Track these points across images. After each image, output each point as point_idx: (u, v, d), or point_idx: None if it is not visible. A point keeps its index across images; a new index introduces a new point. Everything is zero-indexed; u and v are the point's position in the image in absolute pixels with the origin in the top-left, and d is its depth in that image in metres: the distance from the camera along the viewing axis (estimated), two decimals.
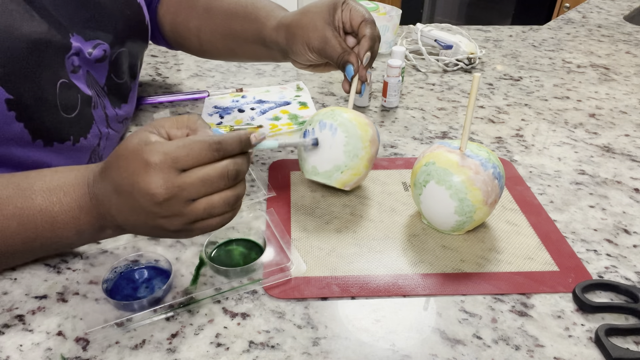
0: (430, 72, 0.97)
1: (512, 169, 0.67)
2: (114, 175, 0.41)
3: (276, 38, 0.64)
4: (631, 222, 0.58)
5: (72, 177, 0.45)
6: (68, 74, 0.54)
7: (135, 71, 0.70)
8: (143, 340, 0.43)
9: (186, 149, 0.39)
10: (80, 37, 0.56)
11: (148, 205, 0.40)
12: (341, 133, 0.54)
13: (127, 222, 0.42)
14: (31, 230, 0.43)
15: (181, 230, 0.42)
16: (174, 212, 0.40)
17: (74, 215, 0.43)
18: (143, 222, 0.42)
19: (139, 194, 0.39)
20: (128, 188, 0.40)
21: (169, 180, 0.39)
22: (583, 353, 0.43)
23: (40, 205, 0.43)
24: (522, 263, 0.51)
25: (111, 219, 0.43)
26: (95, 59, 0.59)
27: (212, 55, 0.76)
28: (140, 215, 0.41)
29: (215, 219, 0.42)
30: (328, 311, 0.46)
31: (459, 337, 0.44)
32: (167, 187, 0.39)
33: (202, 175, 0.40)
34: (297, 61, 0.64)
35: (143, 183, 0.39)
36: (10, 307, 0.46)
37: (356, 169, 0.55)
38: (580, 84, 0.93)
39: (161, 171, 0.39)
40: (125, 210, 0.41)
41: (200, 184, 0.40)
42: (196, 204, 0.41)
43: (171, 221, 0.41)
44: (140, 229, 0.43)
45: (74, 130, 0.56)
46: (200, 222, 0.42)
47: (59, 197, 0.44)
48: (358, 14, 0.59)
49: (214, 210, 0.41)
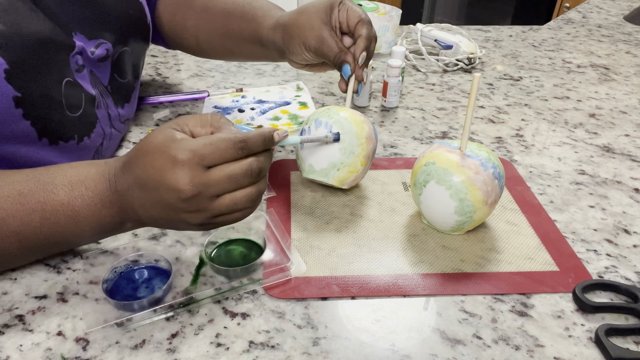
0: (430, 72, 0.97)
1: (512, 169, 0.67)
2: (138, 171, 0.42)
3: (273, 37, 0.64)
4: (631, 222, 0.58)
5: (93, 172, 0.45)
6: (73, 73, 0.55)
7: (138, 71, 0.70)
8: (143, 340, 0.43)
9: (212, 147, 0.41)
10: (83, 37, 0.56)
11: (174, 201, 0.41)
12: (336, 130, 0.54)
13: (150, 217, 0.43)
14: (54, 225, 0.44)
15: (204, 224, 0.43)
16: (199, 207, 0.42)
17: (96, 209, 0.44)
18: (167, 217, 0.43)
19: (166, 190, 0.40)
20: (154, 184, 0.41)
21: (196, 177, 0.40)
22: (583, 353, 0.43)
23: (63, 199, 0.44)
24: (522, 263, 0.51)
25: (133, 213, 0.44)
26: (97, 58, 0.59)
27: (209, 55, 0.76)
28: (164, 210, 0.42)
29: (238, 214, 0.44)
30: (328, 311, 0.46)
31: (459, 337, 0.44)
32: (194, 184, 0.40)
33: (228, 173, 0.41)
34: (294, 60, 0.64)
35: (171, 179, 0.40)
36: (10, 307, 0.46)
37: (353, 166, 0.55)
38: (580, 84, 0.93)
39: (188, 168, 0.40)
40: (149, 205, 0.42)
41: (226, 181, 0.41)
42: (220, 199, 0.42)
43: (195, 216, 0.42)
44: (163, 223, 0.44)
45: (79, 130, 0.56)
46: (223, 217, 0.43)
47: (81, 191, 0.44)
48: (355, 14, 0.60)
49: (237, 206, 0.43)
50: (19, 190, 0.44)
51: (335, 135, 0.54)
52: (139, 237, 0.54)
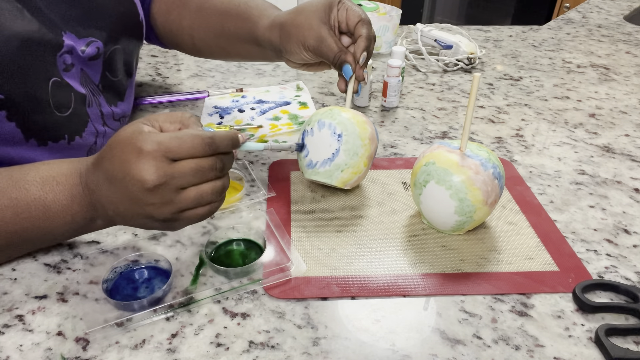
0: (430, 72, 0.97)
1: (512, 169, 0.67)
2: (106, 165, 0.42)
3: (269, 37, 0.64)
4: (631, 222, 0.58)
5: (65, 168, 0.46)
6: (60, 73, 0.54)
7: (131, 69, 0.70)
8: (143, 340, 0.43)
9: (179, 141, 0.41)
10: (73, 35, 0.56)
11: (138, 192, 0.41)
12: (340, 131, 0.54)
13: (117, 212, 0.43)
14: (25, 220, 0.44)
15: (169, 220, 0.43)
16: (164, 199, 0.41)
17: (66, 204, 0.45)
18: (132, 211, 0.42)
19: (131, 180, 0.40)
20: (120, 175, 0.41)
21: (161, 168, 0.40)
22: (583, 353, 0.43)
23: (34, 195, 0.44)
24: (522, 263, 0.51)
25: (102, 209, 0.44)
26: (88, 56, 0.58)
27: (205, 54, 0.76)
28: (130, 203, 0.42)
29: (204, 208, 0.44)
30: (328, 311, 0.46)
31: (459, 337, 0.44)
32: (159, 175, 0.40)
33: (194, 166, 0.42)
34: (291, 60, 0.64)
35: (135, 170, 0.40)
36: (10, 307, 0.46)
37: (356, 167, 0.55)
38: (580, 84, 0.93)
39: (153, 159, 0.40)
40: (116, 199, 0.42)
41: (191, 174, 0.41)
42: (186, 192, 0.42)
43: (160, 209, 0.42)
44: (130, 219, 0.44)
45: (69, 129, 0.56)
46: (189, 211, 0.43)
47: (52, 186, 0.45)
48: (354, 13, 0.59)
49: (203, 199, 0.43)
50: None
51: (297, 145, 0.56)
52: (139, 237, 0.54)
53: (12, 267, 0.50)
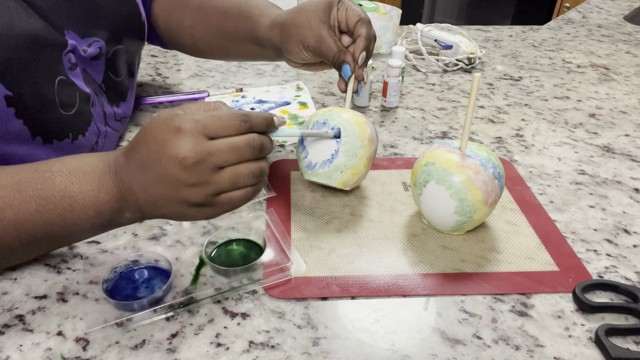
0: (430, 72, 0.97)
1: (512, 169, 0.67)
2: (141, 149, 0.42)
3: (270, 36, 0.64)
4: (631, 222, 0.58)
5: (93, 159, 0.45)
6: (66, 71, 0.54)
7: (133, 69, 0.70)
8: (143, 340, 0.43)
9: (215, 118, 0.42)
10: (76, 35, 0.56)
11: (176, 171, 0.41)
12: (339, 132, 0.54)
13: (150, 199, 0.43)
14: (50, 212, 0.43)
15: (204, 205, 0.43)
16: (201, 179, 0.41)
17: (93, 194, 0.43)
18: (167, 196, 0.42)
19: (168, 159, 0.40)
20: (156, 156, 0.41)
21: (198, 144, 0.40)
22: (583, 353, 0.43)
23: (59, 185, 0.43)
24: (522, 263, 0.51)
25: (132, 199, 0.43)
26: (90, 56, 0.58)
27: (206, 54, 0.76)
28: (165, 186, 0.41)
29: (239, 192, 0.43)
30: (328, 311, 0.46)
31: (459, 337, 0.44)
32: (197, 151, 0.40)
33: (231, 143, 0.42)
34: (291, 60, 0.64)
35: (173, 147, 0.40)
36: (10, 307, 0.46)
37: (356, 168, 0.55)
38: (580, 84, 0.93)
39: (191, 136, 0.40)
40: (149, 184, 0.42)
41: (228, 151, 0.42)
42: (222, 172, 0.42)
43: (196, 191, 0.42)
44: (162, 205, 0.43)
45: (73, 128, 0.56)
46: (224, 195, 0.43)
47: (79, 176, 0.44)
48: (354, 13, 0.59)
49: (239, 180, 0.43)
50: (17, 179, 0.43)
51: (336, 131, 0.54)
52: (139, 237, 0.54)
53: (12, 267, 0.50)
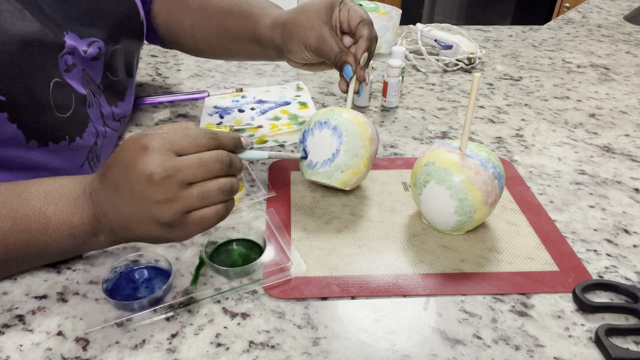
0: (430, 72, 0.97)
1: (512, 169, 0.67)
2: (112, 171, 0.42)
3: (271, 36, 0.64)
4: (631, 222, 0.58)
5: (70, 181, 0.45)
6: (61, 73, 0.54)
7: (132, 69, 0.70)
8: (143, 340, 0.43)
9: (183, 135, 0.42)
10: (75, 35, 0.56)
11: (144, 188, 0.40)
12: (340, 132, 0.54)
13: (122, 220, 0.43)
14: (24, 232, 0.43)
15: (174, 224, 0.42)
16: (169, 195, 0.41)
17: (67, 217, 0.44)
18: (137, 215, 0.42)
19: (136, 177, 0.40)
20: (125, 175, 0.41)
21: (166, 161, 0.40)
22: (583, 353, 0.43)
23: (35, 206, 0.44)
24: (522, 263, 0.51)
25: (105, 221, 0.44)
26: (90, 57, 0.58)
27: (206, 54, 0.76)
28: (135, 204, 0.41)
29: (210, 209, 0.43)
30: (328, 311, 0.46)
31: (459, 337, 0.44)
32: (164, 167, 0.40)
33: (199, 158, 0.42)
34: (293, 60, 0.64)
35: (140, 165, 0.40)
36: (10, 307, 0.46)
37: (356, 168, 0.55)
38: (580, 84, 0.93)
39: (158, 152, 0.41)
40: (121, 205, 0.42)
41: (196, 166, 0.41)
42: (191, 188, 0.41)
43: (165, 209, 0.41)
44: (134, 227, 0.42)
45: (69, 130, 0.56)
46: (195, 213, 0.42)
47: (54, 198, 0.44)
48: (356, 14, 0.59)
49: (209, 196, 0.42)
50: None
51: (302, 153, 0.56)
52: None
53: None
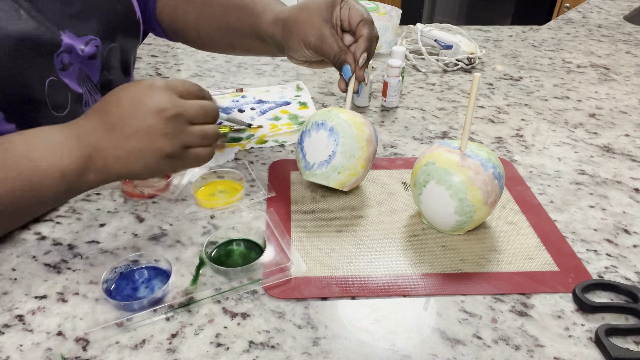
0: (430, 72, 0.97)
1: (512, 169, 0.67)
2: (111, 111, 0.47)
3: (272, 32, 0.63)
4: (631, 222, 0.58)
5: (50, 129, 0.48)
6: (57, 72, 0.54)
7: (129, 67, 0.70)
8: (143, 340, 0.43)
9: (180, 82, 0.49)
10: (72, 34, 0.56)
11: (155, 122, 0.46)
12: (337, 133, 0.54)
13: (122, 155, 0.46)
14: (15, 178, 0.44)
15: (176, 156, 0.48)
16: (176, 129, 0.47)
17: (56, 158, 0.45)
18: (141, 148, 0.46)
19: (147, 112, 0.46)
20: (132, 111, 0.46)
21: (173, 99, 0.47)
22: (583, 353, 0.43)
23: (21, 152, 0.45)
24: (522, 263, 0.51)
25: (99, 158, 0.46)
26: (87, 55, 0.58)
27: (210, 48, 0.76)
28: (142, 138, 0.46)
29: (206, 149, 0.51)
30: (328, 311, 0.46)
31: (459, 337, 0.44)
32: (174, 104, 0.47)
33: (200, 103, 0.49)
34: (293, 57, 0.64)
35: (152, 101, 0.46)
36: (10, 307, 0.46)
37: (353, 170, 0.55)
38: (580, 84, 0.93)
39: (165, 92, 0.47)
40: (122, 140, 0.46)
41: (198, 109, 0.49)
42: (193, 127, 0.49)
43: (171, 142, 0.47)
44: (134, 160, 0.47)
45: None
46: (193, 149, 0.50)
47: (40, 144, 0.46)
48: (357, 13, 0.59)
49: (206, 137, 0.50)
50: None
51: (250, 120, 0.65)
52: (139, 237, 0.54)
53: (12, 267, 0.50)
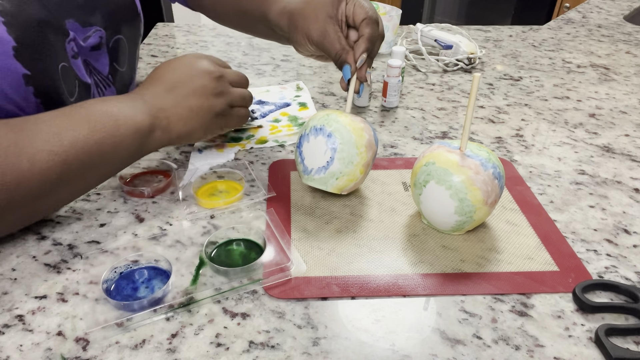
0: (430, 72, 0.97)
1: (512, 169, 0.67)
2: (167, 76, 0.56)
3: (279, 22, 0.64)
4: (631, 222, 0.58)
5: (116, 96, 0.54)
6: (69, 59, 0.55)
7: (134, 62, 0.70)
8: (143, 340, 0.43)
9: (215, 57, 0.60)
10: (77, 24, 0.56)
11: (206, 82, 0.56)
12: (335, 139, 0.54)
13: (182, 112, 0.55)
14: (100, 131, 0.49)
15: (224, 114, 0.59)
16: (223, 89, 0.57)
17: (130, 114, 0.52)
18: (198, 105, 0.56)
19: (199, 74, 0.56)
20: (188, 74, 0.56)
21: (216, 66, 0.58)
22: (583, 353, 0.43)
23: (101, 109, 0.51)
24: (522, 263, 0.51)
25: (163, 116, 0.54)
26: (90, 46, 0.58)
27: (228, 26, 0.80)
28: (197, 97, 0.55)
29: (242, 110, 0.62)
30: (328, 311, 0.46)
31: (459, 337, 0.44)
32: (218, 68, 0.58)
33: (234, 71, 0.61)
34: (299, 49, 0.64)
35: (202, 66, 0.57)
36: (10, 307, 0.46)
37: (352, 175, 0.55)
38: (580, 84, 0.93)
39: (209, 61, 0.58)
40: (182, 99, 0.55)
41: (236, 74, 0.61)
42: (234, 89, 0.60)
43: (220, 100, 0.57)
44: (192, 117, 0.55)
45: None
46: (235, 109, 0.60)
47: (113, 102, 0.52)
48: (362, 10, 0.58)
49: (244, 98, 0.61)
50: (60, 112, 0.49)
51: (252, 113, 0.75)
52: (139, 237, 0.54)
53: (12, 267, 0.50)
